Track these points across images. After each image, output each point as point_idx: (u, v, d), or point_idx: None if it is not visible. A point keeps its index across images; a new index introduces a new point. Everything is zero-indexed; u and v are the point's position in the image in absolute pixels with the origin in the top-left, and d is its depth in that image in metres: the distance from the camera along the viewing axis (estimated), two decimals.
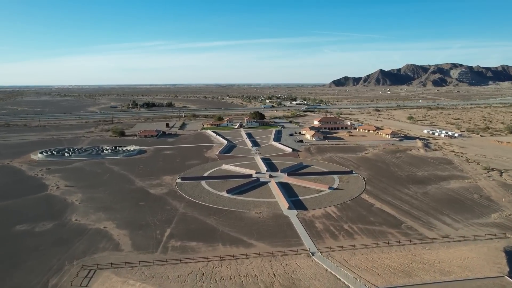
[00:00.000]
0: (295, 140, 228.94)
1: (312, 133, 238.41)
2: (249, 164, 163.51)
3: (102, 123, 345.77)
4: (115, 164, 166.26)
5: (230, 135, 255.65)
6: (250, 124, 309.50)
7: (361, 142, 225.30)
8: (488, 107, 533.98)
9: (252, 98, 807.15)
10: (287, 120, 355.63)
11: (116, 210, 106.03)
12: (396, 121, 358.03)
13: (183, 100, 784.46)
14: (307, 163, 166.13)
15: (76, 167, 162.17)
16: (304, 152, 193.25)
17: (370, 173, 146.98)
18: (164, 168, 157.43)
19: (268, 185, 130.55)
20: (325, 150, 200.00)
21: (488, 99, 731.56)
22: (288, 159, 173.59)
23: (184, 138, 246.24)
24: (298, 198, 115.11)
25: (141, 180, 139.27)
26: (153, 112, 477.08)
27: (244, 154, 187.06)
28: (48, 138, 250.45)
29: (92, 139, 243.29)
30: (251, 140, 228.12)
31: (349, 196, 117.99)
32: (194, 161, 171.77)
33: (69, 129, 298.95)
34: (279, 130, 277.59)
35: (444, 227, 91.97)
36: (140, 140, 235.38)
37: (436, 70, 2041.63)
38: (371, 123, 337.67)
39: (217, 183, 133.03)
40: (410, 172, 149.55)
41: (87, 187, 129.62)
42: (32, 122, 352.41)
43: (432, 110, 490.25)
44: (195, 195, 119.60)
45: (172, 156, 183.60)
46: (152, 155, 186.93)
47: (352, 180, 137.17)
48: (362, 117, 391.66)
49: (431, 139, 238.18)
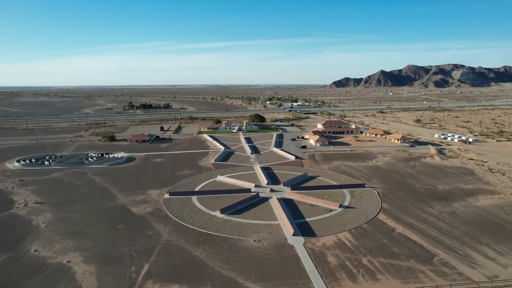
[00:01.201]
0: (298, 146, 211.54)
1: (316, 138, 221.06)
2: (248, 174, 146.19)
3: (94, 126, 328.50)
4: (99, 175, 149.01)
5: (227, 139, 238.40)
6: (249, 127, 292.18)
7: (369, 148, 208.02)
8: (496, 108, 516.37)
9: (252, 99, 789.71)
10: (289, 123, 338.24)
11: (87, 236, 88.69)
12: (403, 124, 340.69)
13: (181, 102, 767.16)
14: (312, 173, 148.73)
15: (54, 178, 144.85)
16: (308, 160, 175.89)
17: (385, 186, 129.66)
18: (151, 180, 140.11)
19: (269, 202, 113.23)
20: (331, 157, 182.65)
21: (493, 100, 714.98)
22: (291, 169, 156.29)
23: (178, 143, 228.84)
24: (304, 220, 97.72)
25: (124, 195, 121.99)
26: (149, 114, 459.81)
27: (243, 163, 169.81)
28: (32, 143, 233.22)
29: (79, 145, 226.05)
30: (250, 146, 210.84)
31: (364, 217, 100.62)
32: (187, 171, 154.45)
33: (58, 133, 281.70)
34: (280, 135, 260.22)
35: (488, 263, 74.42)
36: (130, 146, 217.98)
37: (437, 71, 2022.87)
38: (377, 126, 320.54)
39: (210, 199, 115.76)
40: (429, 185, 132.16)
41: (60, 204, 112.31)
42: (20, 125, 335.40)
43: (439, 112, 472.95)
44: (183, 215, 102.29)
45: (162, 165, 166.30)
46: (140, 164, 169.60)
47: (365, 195, 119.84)
48: (367, 120, 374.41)
49: (444, 144, 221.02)
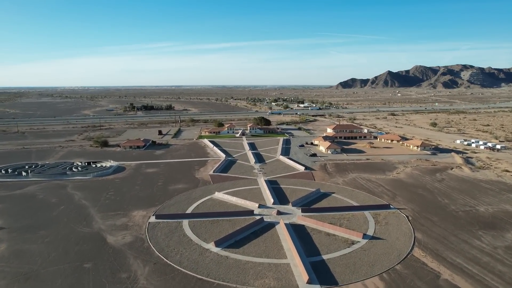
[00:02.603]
0: (307, 154, 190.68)
1: (327, 145, 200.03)
2: (251, 190, 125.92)
3: (90, 129, 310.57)
4: (80, 189, 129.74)
5: (230, 145, 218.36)
6: (254, 131, 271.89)
7: (386, 156, 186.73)
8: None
9: (257, 101, 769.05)
10: (296, 127, 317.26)
11: (42, 281, 69.13)
12: (418, 127, 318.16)
13: (185, 103, 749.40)
14: (325, 189, 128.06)
15: (27, 193, 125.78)
16: (320, 172, 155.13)
17: (413, 208, 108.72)
18: (138, 197, 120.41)
19: (275, 229, 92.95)
20: (346, 168, 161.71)
21: (508, 102, 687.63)
22: (300, 183, 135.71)
23: (176, 150, 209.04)
24: (320, 258, 77.27)
25: (103, 217, 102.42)
26: (150, 116, 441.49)
27: (245, 174, 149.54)
28: (18, 149, 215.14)
29: (68, 151, 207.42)
30: (254, 153, 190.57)
31: (395, 253, 79.90)
32: (181, 184, 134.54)
33: (49, 137, 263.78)
34: (287, 140, 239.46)
35: None
36: (122, 153, 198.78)
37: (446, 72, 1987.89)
38: (391, 130, 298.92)
39: (204, 224, 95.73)
40: (467, 205, 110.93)
41: (22, 231, 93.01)
42: (13, 128, 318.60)
43: (453, 114, 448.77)
44: (169, 248, 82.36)
45: (154, 177, 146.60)
46: (130, 175, 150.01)
47: (391, 219, 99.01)
48: (379, 123, 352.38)
49: (469, 152, 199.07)
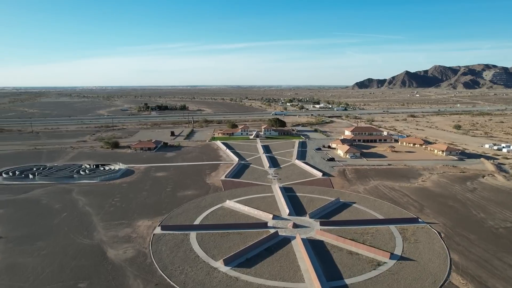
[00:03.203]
0: (325, 158, 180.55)
1: (346, 148, 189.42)
2: (264, 198, 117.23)
3: (103, 130, 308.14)
4: (85, 194, 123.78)
5: (243, 148, 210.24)
6: (268, 133, 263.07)
7: (410, 162, 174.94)
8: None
9: (272, 101, 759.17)
10: (312, 128, 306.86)
11: None
12: (440, 130, 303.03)
13: (199, 103, 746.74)
14: (345, 198, 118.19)
15: (31, 198, 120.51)
16: (338, 178, 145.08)
17: (445, 222, 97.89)
18: (145, 204, 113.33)
19: (291, 244, 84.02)
20: (366, 174, 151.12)
21: None
22: (318, 190, 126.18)
23: (187, 152, 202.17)
24: (343, 283, 67.85)
25: (106, 226, 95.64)
26: (163, 116, 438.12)
27: (259, 180, 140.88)
28: (30, 149, 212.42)
29: (78, 152, 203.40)
30: (269, 157, 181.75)
31: (430, 278, 69.71)
32: (190, 190, 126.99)
33: (62, 137, 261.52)
34: (303, 142, 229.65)
35: None
36: (132, 155, 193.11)
37: (467, 72, 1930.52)
38: (411, 132, 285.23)
39: (213, 237, 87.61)
40: (507, 221, 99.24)
41: (20, 241, 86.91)
42: (29, 128, 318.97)
43: (477, 116, 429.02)
44: (174, 266, 74.50)
45: (163, 182, 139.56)
46: (138, 180, 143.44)
47: (421, 236, 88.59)
48: (398, 125, 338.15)
49: (500, 157, 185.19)
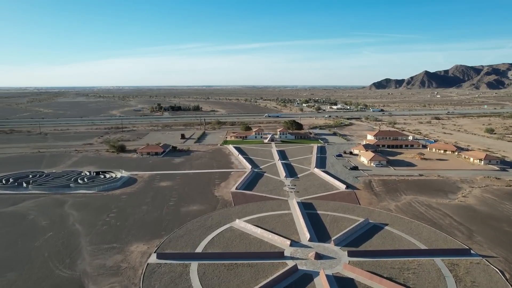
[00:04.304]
0: (347, 167, 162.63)
1: (370, 156, 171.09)
2: (280, 217, 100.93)
3: (112, 131, 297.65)
4: (79, 207, 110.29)
5: (257, 153, 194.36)
6: (284, 136, 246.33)
7: (443, 171, 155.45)
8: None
9: (288, 102, 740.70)
10: (330, 131, 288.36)
11: None
12: (470, 134, 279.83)
13: (213, 103, 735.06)
14: (376, 218, 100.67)
15: (17, 212, 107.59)
16: (364, 191, 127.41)
17: (506, 255, 79.32)
18: (143, 222, 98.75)
19: (314, 283, 67.58)
20: (396, 187, 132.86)
21: None
22: (342, 208, 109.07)
23: (197, 157, 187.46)
24: None
25: (93, 252, 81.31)
26: (176, 117, 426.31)
27: (274, 193, 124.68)
28: (33, 152, 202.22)
29: (82, 156, 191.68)
30: (285, 164, 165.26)
31: None
32: (195, 205, 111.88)
33: (69, 140, 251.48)
34: (321, 148, 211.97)
35: None
36: (138, 160, 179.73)
37: (490, 71, 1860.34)
38: (439, 137, 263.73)
39: (218, 269, 72.00)
40: None
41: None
42: (38, 128, 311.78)
43: (509, 118, 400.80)
44: None
45: (167, 193, 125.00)
46: (139, 190, 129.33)
47: (478, 276, 70.69)
48: (423, 128, 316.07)
49: None
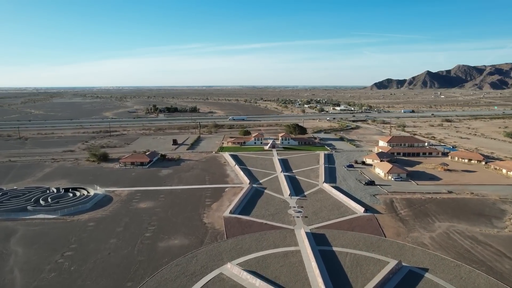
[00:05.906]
0: (362, 181, 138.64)
1: (388, 167, 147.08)
2: (286, 257, 77.34)
3: (100, 136, 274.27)
4: (29, 242, 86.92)
5: (257, 163, 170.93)
6: (286, 142, 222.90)
7: (475, 187, 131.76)
8: None
9: (289, 102, 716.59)
10: (336, 136, 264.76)
11: None
12: (489, 139, 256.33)
13: (212, 104, 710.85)
14: (409, 258, 77.03)
15: None
16: (388, 216, 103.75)
17: None
18: (106, 266, 75.08)
19: None
20: (424, 209, 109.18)
21: None
22: (364, 242, 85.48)
23: (187, 168, 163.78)
24: None
25: None
26: (171, 119, 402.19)
27: (276, 219, 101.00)
28: (3, 162, 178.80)
29: (58, 166, 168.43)
30: (289, 178, 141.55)
31: None
32: (177, 238, 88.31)
33: (49, 145, 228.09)
34: (329, 155, 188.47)
35: None
36: (119, 172, 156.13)
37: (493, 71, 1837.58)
38: (456, 142, 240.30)
39: None
40: None
41: None
42: (22, 132, 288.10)
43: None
44: None
45: (145, 218, 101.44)
46: (112, 214, 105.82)
47: None
48: (436, 132, 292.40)
49: None
